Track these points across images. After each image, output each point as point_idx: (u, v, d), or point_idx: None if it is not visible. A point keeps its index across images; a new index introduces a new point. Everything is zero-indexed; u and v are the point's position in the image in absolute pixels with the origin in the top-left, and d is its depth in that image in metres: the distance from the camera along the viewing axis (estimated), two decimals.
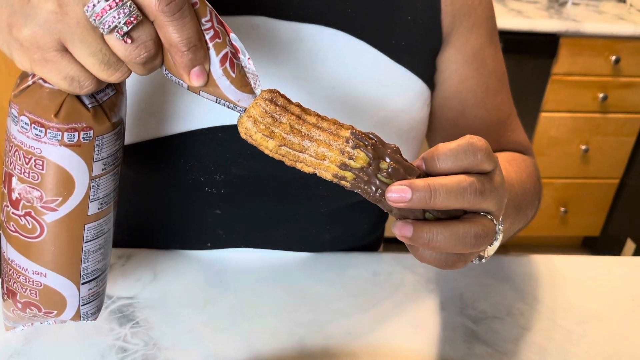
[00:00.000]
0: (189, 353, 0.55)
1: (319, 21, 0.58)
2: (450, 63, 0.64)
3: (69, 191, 0.42)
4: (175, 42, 0.36)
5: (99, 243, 0.46)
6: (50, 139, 0.40)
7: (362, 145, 0.39)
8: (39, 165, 0.41)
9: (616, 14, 1.84)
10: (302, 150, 0.39)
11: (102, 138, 0.42)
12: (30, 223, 0.43)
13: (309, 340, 0.57)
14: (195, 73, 0.38)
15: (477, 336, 0.59)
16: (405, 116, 0.62)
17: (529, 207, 0.61)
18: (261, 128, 0.39)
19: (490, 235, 0.40)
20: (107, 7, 0.34)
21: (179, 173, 0.60)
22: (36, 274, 0.45)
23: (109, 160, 0.43)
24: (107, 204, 0.45)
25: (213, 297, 0.62)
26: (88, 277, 0.47)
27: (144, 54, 0.36)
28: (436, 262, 0.41)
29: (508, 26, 1.73)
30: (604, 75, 1.84)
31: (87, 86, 0.37)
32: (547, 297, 0.65)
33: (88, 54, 0.36)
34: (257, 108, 0.39)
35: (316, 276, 0.66)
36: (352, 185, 0.40)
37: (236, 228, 0.66)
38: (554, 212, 2.08)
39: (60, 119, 0.39)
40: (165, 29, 0.36)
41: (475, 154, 0.39)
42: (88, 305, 0.48)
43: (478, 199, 0.39)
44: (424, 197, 0.37)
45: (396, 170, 0.39)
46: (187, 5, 0.36)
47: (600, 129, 1.93)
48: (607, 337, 0.61)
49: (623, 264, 0.73)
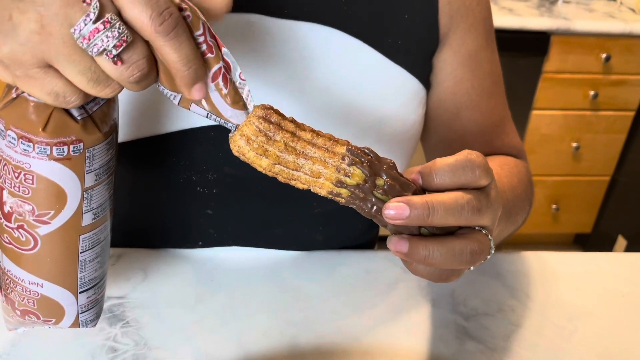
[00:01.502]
0: (179, 353, 0.55)
1: (314, 19, 0.58)
2: (446, 64, 0.64)
3: (61, 204, 0.41)
4: (174, 62, 0.35)
5: (95, 252, 0.45)
6: (39, 153, 0.38)
7: (358, 161, 0.38)
8: (28, 179, 0.40)
9: (607, 12, 1.85)
10: (297, 168, 0.38)
11: (93, 150, 0.40)
12: (24, 236, 0.42)
13: (301, 339, 0.57)
14: (197, 89, 0.37)
15: (469, 333, 0.59)
16: (401, 116, 0.62)
17: (520, 212, 0.62)
18: (254, 147, 0.38)
19: (486, 252, 0.40)
20: (95, 30, 0.33)
21: (171, 172, 0.60)
22: (33, 284, 0.44)
23: (101, 171, 0.42)
24: (101, 213, 0.44)
25: (204, 296, 0.61)
26: (85, 285, 0.46)
27: (136, 73, 0.35)
28: (430, 276, 0.41)
29: (499, 24, 1.73)
30: (595, 72, 1.85)
31: (74, 101, 0.36)
32: (538, 294, 0.66)
33: (76, 73, 0.34)
34: (250, 126, 0.38)
35: (308, 275, 0.66)
36: (347, 202, 0.39)
37: (228, 228, 0.66)
38: (545, 209, 2.09)
39: (48, 134, 0.38)
40: (162, 49, 0.35)
41: (474, 170, 0.39)
42: (87, 312, 0.47)
43: (475, 216, 0.39)
44: (422, 215, 0.37)
45: (392, 186, 0.38)
46: (181, 22, 0.35)
47: (591, 126, 1.94)
48: (597, 333, 0.61)
49: (614, 261, 0.73)
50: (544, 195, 2.06)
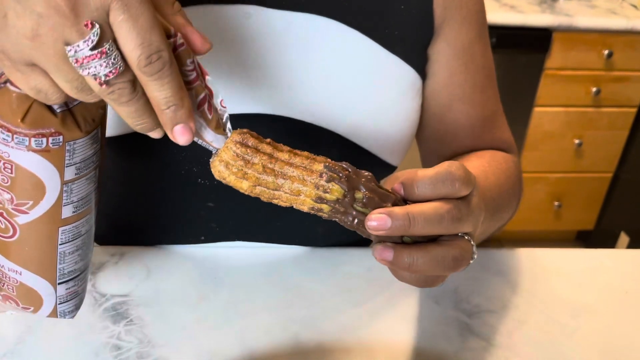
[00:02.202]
0: (182, 350, 0.55)
1: (312, 10, 0.58)
2: (440, 55, 0.64)
3: (40, 195, 0.41)
4: (155, 100, 0.36)
5: (75, 245, 0.45)
6: (18, 144, 0.39)
7: (336, 177, 0.39)
8: (7, 168, 0.40)
9: (609, 8, 1.85)
10: (277, 188, 0.40)
11: (74, 143, 0.40)
12: (4, 223, 0.42)
13: (303, 336, 0.57)
14: (178, 131, 0.38)
15: (472, 330, 0.60)
16: (398, 106, 0.62)
17: (506, 209, 0.62)
18: (234, 171, 0.39)
19: (468, 257, 0.42)
20: (90, 57, 0.33)
21: (173, 163, 0.60)
22: (12, 271, 0.44)
23: (82, 165, 0.42)
24: (83, 206, 0.44)
25: (207, 293, 0.61)
26: (65, 277, 0.46)
27: (117, 91, 0.35)
28: (415, 282, 0.42)
29: (501, 21, 1.73)
30: (597, 69, 1.85)
31: (55, 100, 0.36)
32: (541, 291, 0.66)
33: (62, 80, 0.35)
34: (228, 152, 0.40)
35: (310, 272, 0.66)
36: (329, 216, 0.41)
37: (229, 221, 0.66)
38: (547, 206, 2.09)
39: (26, 125, 0.38)
40: (145, 86, 0.36)
41: (453, 183, 0.40)
42: (66, 304, 0.47)
43: (455, 225, 0.40)
44: (403, 225, 0.39)
45: (371, 199, 0.40)
46: (169, 65, 0.35)
47: (594, 123, 1.94)
48: (600, 329, 0.61)
49: (616, 257, 0.73)
50: (546, 192, 2.06)
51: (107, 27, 0.33)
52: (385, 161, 0.65)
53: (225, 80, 0.57)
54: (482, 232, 0.55)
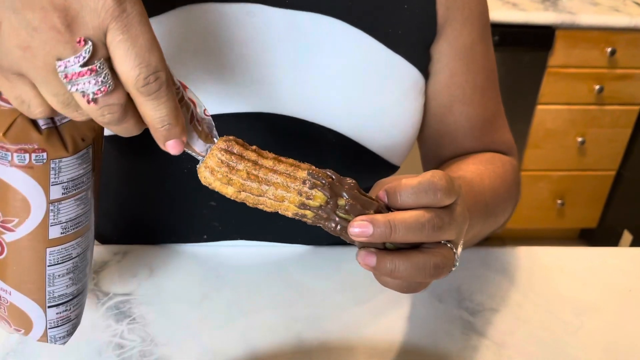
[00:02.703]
0: (185, 349, 0.55)
1: (315, 9, 0.58)
2: (442, 55, 0.64)
3: (25, 213, 0.40)
4: (150, 120, 0.36)
5: (65, 268, 0.44)
6: (1, 158, 0.38)
7: (320, 184, 0.40)
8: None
9: (611, 6, 1.84)
10: (261, 194, 0.40)
11: (59, 162, 0.40)
12: None
13: (306, 335, 0.57)
14: (171, 145, 0.39)
15: (475, 328, 0.59)
16: (401, 105, 0.62)
17: (500, 213, 0.62)
18: (219, 177, 0.40)
19: (449, 265, 0.42)
20: (80, 73, 0.33)
21: (175, 162, 0.60)
22: (2, 290, 0.43)
23: (70, 185, 0.41)
24: (73, 228, 0.43)
25: (209, 292, 0.61)
26: (55, 300, 0.45)
27: (107, 115, 0.35)
28: (398, 288, 0.43)
29: (503, 19, 1.72)
30: (600, 67, 1.84)
31: (38, 113, 0.36)
32: (544, 289, 0.65)
33: (49, 93, 0.34)
34: (213, 158, 0.40)
35: (313, 270, 0.66)
36: (312, 222, 0.42)
37: (232, 220, 0.66)
38: (550, 204, 2.08)
39: (8, 139, 0.38)
40: (140, 107, 0.36)
41: (435, 193, 0.41)
42: (56, 329, 0.46)
43: (436, 233, 0.41)
44: (384, 233, 0.40)
45: (353, 206, 0.41)
46: (165, 86, 0.35)
47: (597, 121, 1.93)
48: (604, 328, 0.61)
49: (620, 255, 0.73)
50: (549, 191, 2.06)
51: (101, 45, 0.33)
52: (387, 161, 0.65)
53: (228, 78, 0.57)
54: (475, 236, 0.56)
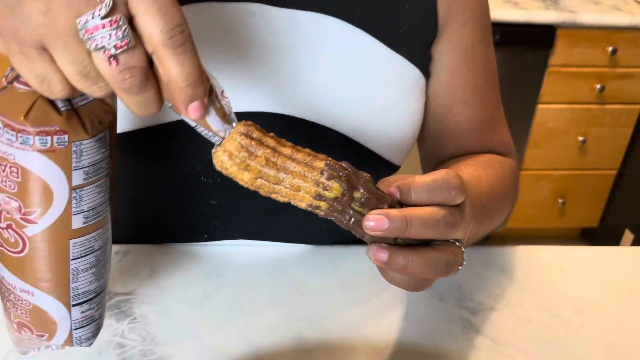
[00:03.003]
0: (186, 348, 0.55)
1: (316, 9, 0.58)
2: (443, 55, 0.64)
3: (48, 202, 0.39)
4: (174, 77, 0.35)
5: (88, 261, 0.43)
6: (22, 144, 0.37)
7: (336, 176, 0.40)
8: (14, 172, 0.38)
9: (613, 5, 1.84)
10: (278, 182, 0.40)
11: (80, 144, 0.39)
12: (13, 237, 0.40)
13: (307, 334, 0.57)
14: (193, 107, 0.37)
15: (475, 327, 0.59)
16: (401, 105, 0.62)
17: (497, 215, 0.62)
18: (237, 162, 0.39)
19: (459, 263, 0.42)
20: (100, 25, 0.32)
21: (176, 161, 0.60)
22: (24, 292, 0.42)
23: (91, 170, 0.40)
24: (94, 218, 0.42)
25: (210, 292, 0.61)
26: (79, 298, 0.43)
27: (128, 78, 0.34)
28: (405, 285, 0.43)
29: (504, 18, 1.72)
30: (601, 66, 1.84)
31: (58, 92, 0.36)
32: (545, 288, 0.65)
33: (68, 62, 0.34)
34: (232, 142, 0.39)
35: (313, 270, 0.66)
36: (325, 214, 0.41)
37: (233, 219, 0.66)
38: (551, 203, 2.08)
39: (29, 121, 0.37)
40: (164, 62, 0.35)
41: (450, 191, 0.41)
42: (82, 329, 0.45)
43: (449, 231, 0.41)
44: (400, 228, 0.39)
45: (369, 199, 0.40)
46: (190, 40, 0.35)
47: (598, 120, 1.93)
48: (605, 327, 0.61)
49: (621, 255, 0.73)
50: (550, 190, 2.05)
51: (122, 4, 0.33)
52: (388, 161, 0.65)
53: (229, 77, 0.57)
54: (470, 238, 0.56)
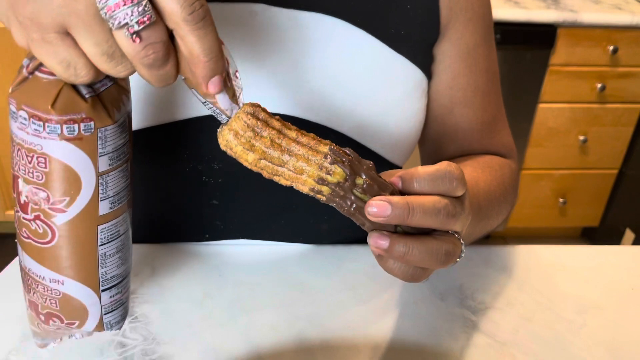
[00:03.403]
0: (188, 347, 0.55)
1: (318, 9, 0.58)
2: (445, 56, 0.64)
3: (76, 190, 0.40)
4: (196, 52, 0.36)
5: (115, 246, 0.44)
6: (50, 133, 0.38)
7: (340, 161, 0.40)
8: (41, 163, 0.39)
9: (613, 4, 1.84)
10: (281, 164, 0.40)
11: (105, 130, 0.40)
12: (41, 227, 0.41)
13: (308, 333, 0.57)
14: (214, 82, 0.38)
15: (477, 327, 0.59)
16: (403, 106, 0.62)
17: (494, 217, 0.63)
18: (242, 141, 0.39)
19: (457, 254, 0.43)
20: (120, 3, 0.33)
21: (177, 161, 0.60)
22: (53, 281, 0.42)
23: (115, 155, 0.41)
24: (119, 202, 0.43)
25: (211, 291, 0.61)
26: (108, 283, 0.44)
27: (151, 54, 0.35)
28: (403, 274, 0.43)
29: (505, 17, 1.72)
30: (602, 65, 1.84)
31: (84, 75, 0.36)
32: (547, 287, 0.65)
33: (92, 44, 0.34)
34: (239, 121, 0.39)
35: (315, 269, 0.66)
36: (327, 199, 0.41)
37: (234, 219, 0.66)
38: (552, 203, 2.08)
39: (57, 111, 0.38)
40: (186, 38, 0.35)
41: (452, 181, 0.41)
42: (111, 314, 0.46)
43: (450, 221, 0.41)
44: (402, 214, 0.39)
45: (371, 186, 0.40)
46: (209, 15, 0.35)
47: (599, 119, 1.93)
48: (606, 326, 0.61)
49: (622, 254, 0.73)
50: (551, 189, 2.05)
51: None
52: (390, 161, 0.65)
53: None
54: (466, 237, 0.56)
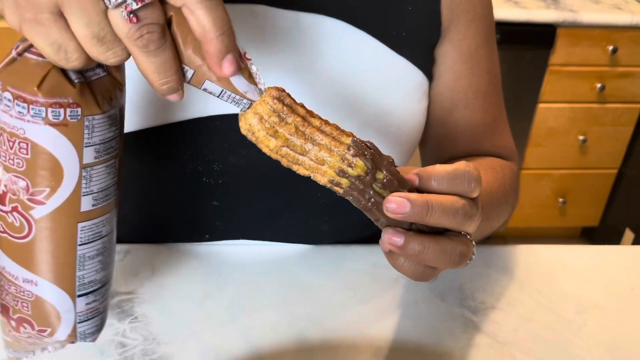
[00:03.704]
0: (188, 347, 0.55)
1: (319, 10, 0.58)
2: (446, 58, 0.64)
3: (57, 180, 0.38)
4: (207, 26, 0.34)
5: (95, 248, 0.41)
6: (34, 116, 0.36)
7: (362, 154, 0.39)
8: (23, 148, 0.37)
9: (613, 4, 1.84)
10: (303, 153, 0.39)
11: (92, 119, 0.37)
12: (18, 220, 0.39)
13: (308, 333, 0.57)
14: (228, 60, 0.36)
15: (477, 327, 0.59)
16: (405, 107, 0.62)
17: (494, 218, 0.62)
18: (266, 126, 0.38)
19: (470, 256, 0.42)
20: None
21: (177, 163, 0.60)
22: (26, 282, 0.40)
23: (101, 148, 0.39)
24: (103, 201, 0.40)
25: (212, 291, 0.61)
26: (85, 288, 0.42)
27: (145, 34, 0.33)
28: (413, 273, 0.42)
29: (505, 17, 1.72)
30: (602, 65, 1.84)
31: (74, 60, 0.35)
32: (547, 287, 0.65)
33: (83, 24, 0.33)
34: (264, 105, 0.38)
35: (315, 269, 0.66)
36: (344, 192, 0.40)
37: (234, 219, 0.66)
38: (552, 202, 2.08)
39: (43, 92, 0.36)
40: (195, 13, 0.34)
41: (470, 182, 0.41)
42: (86, 323, 0.43)
43: (466, 221, 0.41)
44: (421, 212, 0.39)
45: (391, 181, 0.40)
46: None
47: (598, 119, 1.93)
48: (606, 326, 0.61)
49: (622, 253, 0.73)
50: (550, 189, 2.05)
51: None
52: None
53: None
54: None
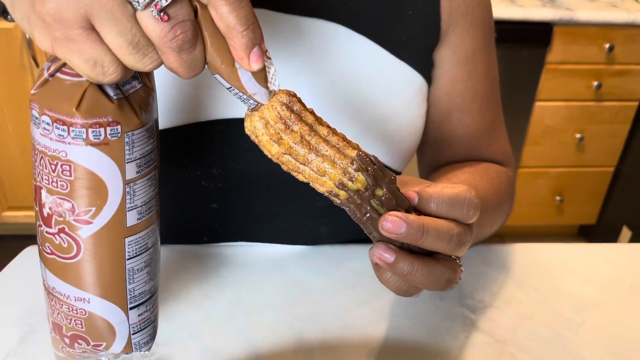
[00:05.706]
0: (187, 349, 0.55)
1: (319, 15, 0.58)
2: (444, 61, 0.64)
3: (102, 199, 0.37)
4: (233, 21, 0.34)
5: (143, 260, 0.41)
6: (75, 138, 0.36)
7: (365, 169, 0.38)
8: (66, 171, 0.36)
9: (609, 2, 1.84)
10: (305, 162, 0.38)
11: (132, 135, 0.37)
12: (65, 241, 0.38)
13: (308, 334, 0.57)
14: (255, 54, 0.35)
15: (476, 326, 0.59)
16: (405, 111, 0.62)
17: (488, 224, 0.62)
18: (270, 132, 0.37)
19: (456, 281, 0.42)
20: None
21: (176, 166, 0.60)
22: (79, 300, 0.40)
23: (142, 162, 0.39)
24: (147, 213, 0.40)
25: (211, 292, 0.61)
26: (136, 300, 0.42)
27: (179, 34, 0.33)
28: (397, 289, 0.42)
29: (502, 15, 1.72)
30: (598, 63, 1.84)
31: (112, 73, 0.34)
32: (545, 285, 0.65)
33: (116, 33, 0.33)
34: (271, 111, 0.37)
35: (314, 269, 0.66)
36: (341, 203, 0.40)
37: (233, 222, 0.66)
38: (549, 201, 2.09)
39: (82, 113, 0.35)
40: (220, 9, 0.34)
41: (469, 209, 0.41)
42: (139, 333, 0.43)
43: (458, 248, 0.41)
44: (416, 235, 0.38)
45: (389, 199, 0.39)
46: None
47: (595, 117, 1.93)
48: (605, 324, 0.61)
49: (620, 251, 0.73)
50: (547, 187, 2.06)
51: None
52: (389, 167, 0.65)
53: None
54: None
